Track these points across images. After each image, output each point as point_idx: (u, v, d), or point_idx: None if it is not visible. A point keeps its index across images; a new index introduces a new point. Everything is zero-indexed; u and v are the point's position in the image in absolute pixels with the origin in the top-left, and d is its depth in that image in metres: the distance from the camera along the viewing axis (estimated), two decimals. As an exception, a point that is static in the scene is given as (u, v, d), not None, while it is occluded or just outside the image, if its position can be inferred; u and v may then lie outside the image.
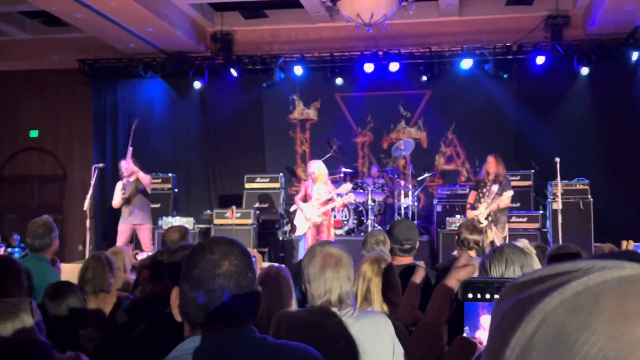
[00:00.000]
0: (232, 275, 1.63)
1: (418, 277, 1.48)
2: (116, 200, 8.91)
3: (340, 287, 2.46)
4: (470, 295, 0.97)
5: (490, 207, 8.03)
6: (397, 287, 3.11)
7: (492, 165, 8.11)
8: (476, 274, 1.00)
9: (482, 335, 0.99)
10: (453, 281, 1.06)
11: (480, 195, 8.22)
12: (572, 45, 11.06)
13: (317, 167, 8.52)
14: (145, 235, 8.99)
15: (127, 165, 8.76)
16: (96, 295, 3.95)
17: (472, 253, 4.71)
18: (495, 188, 8.12)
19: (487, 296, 0.95)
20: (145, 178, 8.93)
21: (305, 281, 2.50)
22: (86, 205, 8.99)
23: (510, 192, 8.09)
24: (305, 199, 8.52)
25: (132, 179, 8.84)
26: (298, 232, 8.88)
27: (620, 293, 0.52)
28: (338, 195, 8.49)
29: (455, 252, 4.93)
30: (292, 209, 9.23)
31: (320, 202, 8.38)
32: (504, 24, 11.55)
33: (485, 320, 0.97)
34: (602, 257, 0.58)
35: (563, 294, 0.54)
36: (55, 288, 3.51)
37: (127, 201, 8.85)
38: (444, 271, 4.06)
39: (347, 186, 8.77)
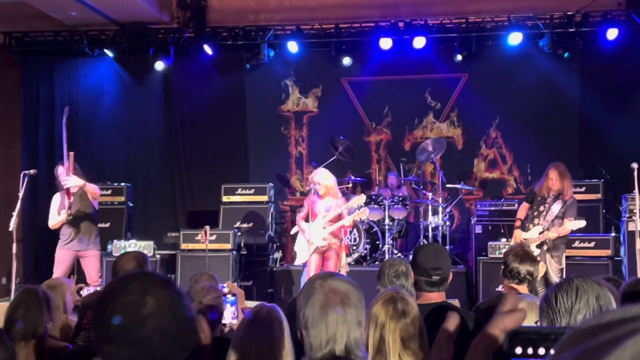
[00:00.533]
0: (164, 311, 1.66)
1: (451, 322, 1.49)
2: (54, 220, 8.91)
3: (348, 335, 2.46)
4: (519, 350, 0.98)
5: (547, 235, 8.06)
6: (422, 334, 3.11)
7: (555, 181, 8.15)
8: (531, 319, 1.01)
9: None
10: (497, 330, 1.06)
11: (535, 213, 8.24)
12: (654, 14, 11.10)
13: (323, 178, 8.51)
14: (91, 265, 8.98)
15: (66, 174, 8.75)
16: (27, 342, 3.96)
17: (523, 288, 4.72)
18: (556, 208, 8.15)
19: (541, 351, 0.96)
20: (95, 190, 8.95)
21: (302, 326, 2.50)
22: (12, 224, 8.98)
23: (581, 223, 8.12)
24: (308, 219, 8.52)
25: (74, 189, 8.84)
26: (298, 260, 8.87)
27: None
28: (349, 212, 8.50)
29: (500, 287, 4.94)
30: (292, 231, 9.24)
31: (327, 220, 8.40)
32: (564, -13, 11.60)
33: None
34: None
35: (622, 356, 0.55)
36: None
37: (68, 220, 8.85)
38: (487, 313, 4.07)
39: (361, 199, 8.75)
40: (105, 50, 12.43)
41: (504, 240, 10.07)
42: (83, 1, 11.35)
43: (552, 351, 0.91)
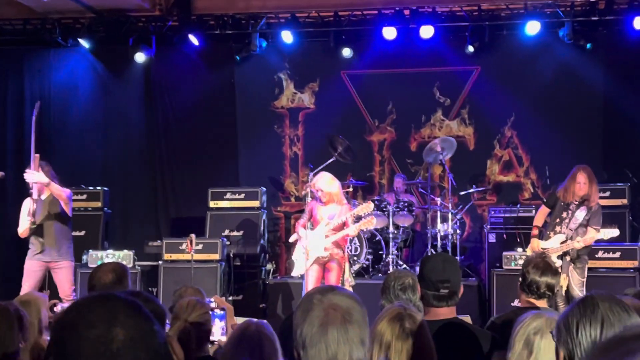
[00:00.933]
0: (136, 343, 1.62)
1: None
2: (22, 227, 8.91)
3: (350, 355, 2.46)
4: None
5: (571, 245, 8.09)
6: (431, 355, 3.11)
7: (583, 185, 8.17)
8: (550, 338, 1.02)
9: None
10: None
11: (557, 220, 8.26)
12: (685, 1, 11.13)
13: (325, 185, 8.51)
14: (63, 277, 8.97)
15: (32, 176, 8.73)
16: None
17: (542, 303, 4.71)
18: (580, 215, 8.17)
19: None
20: (62, 193, 8.92)
21: (299, 345, 2.50)
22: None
23: (614, 232, 8.18)
24: (308, 226, 8.53)
25: (43, 195, 8.83)
26: (295, 272, 8.87)
27: None
28: (354, 220, 8.51)
29: (516, 302, 4.94)
30: (291, 239, 9.23)
31: (330, 228, 8.40)
32: (587, -29, 11.62)
33: None
34: None
35: None
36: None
37: (37, 229, 8.84)
38: (503, 329, 4.06)
39: (368, 206, 8.73)
40: (80, 40, 12.40)
41: (520, 250, 10.08)
42: (56, -14, 11.36)
43: None
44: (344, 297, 2.56)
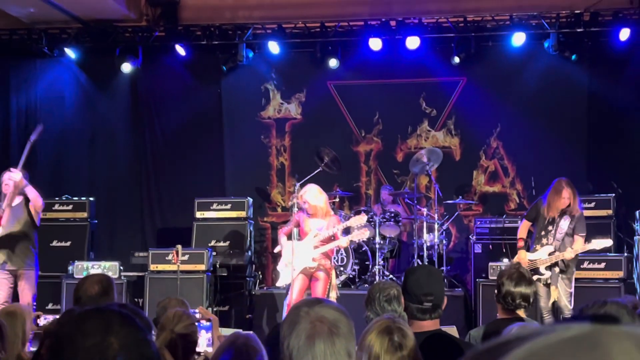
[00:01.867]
0: (131, 350, 1.66)
1: None
2: None
3: (337, 367, 2.47)
4: None
5: (561, 255, 8.15)
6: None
7: (567, 199, 8.24)
8: None
9: None
10: None
11: (543, 232, 8.31)
12: (669, 13, 11.20)
13: (312, 197, 8.53)
14: (28, 286, 8.95)
15: (11, 178, 8.69)
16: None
17: (521, 313, 4.74)
18: (565, 224, 8.23)
19: None
20: (38, 199, 8.91)
21: (286, 358, 2.51)
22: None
23: (607, 242, 8.28)
24: (291, 235, 8.55)
25: (14, 203, 8.81)
26: (280, 282, 8.88)
27: (563, 354, 0.69)
28: (344, 232, 8.53)
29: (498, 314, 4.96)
30: (276, 249, 9.23)
31: (319, 240, 8.42)
32: (572, -17, 11.69)
33: None
34: (562, 321, 0.77)
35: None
36: None
37: (3, 238, 8.81)
38: (483, 342, 4.08)
39: (361, 218, 8.75)
40: (67, 50, 12.39)
41: (506, 260, 10.10)
42: (42, -4, 11.34)
43: None
44: (330, 309, 2.58)
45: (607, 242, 8.46)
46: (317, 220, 8.53)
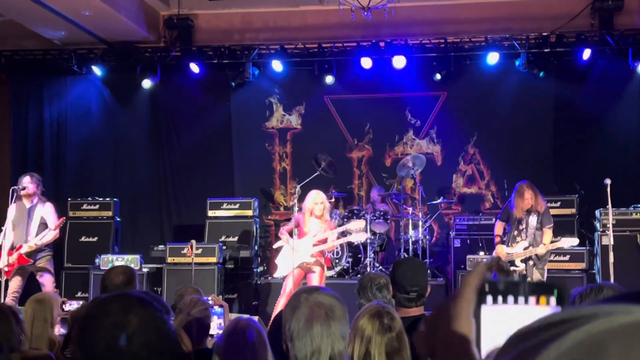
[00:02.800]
0: (148, 327, 1.68)
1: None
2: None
3: (332, 347, 2.48)
4: (489, 300, 1.00)
5: (534, 251, 8.23)
6: (406, 348, 3.14)
7: (530, 200, 8.33)
8: None
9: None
10: (469, 290, 1.05)
11: (516, 232, 8.41)
12: (625, 35, 11.21)
13: (326, 200, 8.76)
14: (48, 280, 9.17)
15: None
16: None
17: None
18: (533, 220, 8.32)
19: (510, 300, 0.99)
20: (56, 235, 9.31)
21: (287, 338, 2.52)
22: (0, 237, 8.96)
23: (574, 241, 8.49)
24: (292, 233, 8.63)
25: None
26: (278, 273, 8.94)
27: (625, 341, 0.59)
28: (342, 234, 8.67)
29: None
30: (276, 245, 9.27)
31: (317, 239, 8.60)
32: (540, 9, 11.70)
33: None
34: (608, 301, 0.65)
35: (560, 346, 0.60)
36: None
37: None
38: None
39: (359, 223, 8.89)
40: (94, 68, 12.39)
41: (482, 253, 10.14)
42: (72, 20, 11.35)
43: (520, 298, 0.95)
44: (327, 296, 2.60)
45: (574, 241, 8.53)
46: (315, 222, 8.63)
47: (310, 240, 8.57)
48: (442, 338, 1.06)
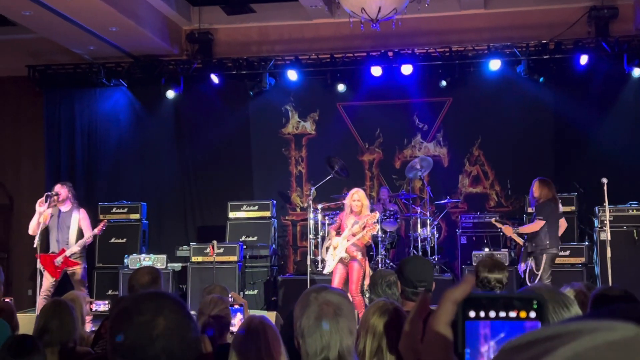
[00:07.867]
0: (173, 333, 1.66)
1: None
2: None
3: (341, 343, 2.49)
4: (472, 314, 1.00)
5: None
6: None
7: (534, 192, 8.46)
8: None
9: None
10: (449, 303, 1.05)
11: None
12: (621, 42, 11.16)
13: (362, 196, 8.73)
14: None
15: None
16: (54, 348, 3.97)
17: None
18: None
19: (492, 314, 0.98)
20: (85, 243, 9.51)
21: (298, 335, 2.53)
22: (36, 241, 9.01)
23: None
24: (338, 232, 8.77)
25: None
26: (326, 270, 8.98)
27: (615, 357, 0.59)
28: (355, 223, 8.62)
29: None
30: (326, 243, 9.22)
31: (350, 234, 8.58)
32: (539, 18, 11.67)
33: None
34: (594, 315, 0.64)
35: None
36: (16, 345, 3.49)
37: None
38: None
39: (374, 216, 8.85)
40: (121, 81, 12.48)
41: (487, 250, 10.10)
42: (100, 36, 11.43)
43: (502, 314, 0.93)
44: (335, 294, 2.61)
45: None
46: (352, 218, 8.61)
47: (345, 236, 8.60)
48: (423, 341, 1.06)
